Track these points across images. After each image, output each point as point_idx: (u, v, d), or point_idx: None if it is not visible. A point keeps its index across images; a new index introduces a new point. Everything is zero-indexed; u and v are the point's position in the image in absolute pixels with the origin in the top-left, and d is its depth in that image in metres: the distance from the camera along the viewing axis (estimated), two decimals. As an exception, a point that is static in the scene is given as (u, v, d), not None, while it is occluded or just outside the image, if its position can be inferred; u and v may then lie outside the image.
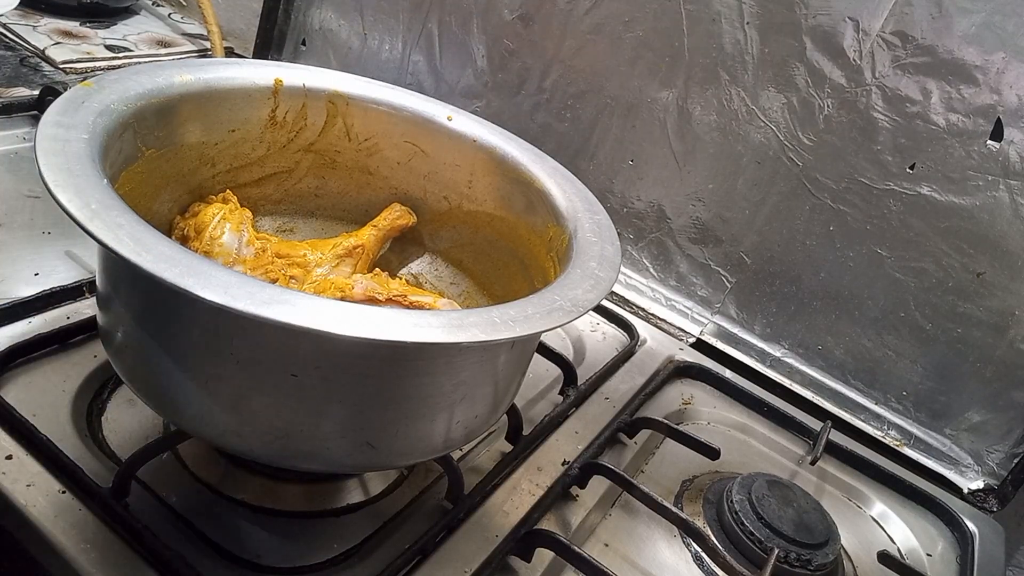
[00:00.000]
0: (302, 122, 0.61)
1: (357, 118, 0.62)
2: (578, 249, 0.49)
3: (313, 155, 0.63)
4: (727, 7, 0.78)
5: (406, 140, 0.63)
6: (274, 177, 0.63)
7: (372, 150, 0.64)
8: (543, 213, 0.57)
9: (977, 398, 0.76)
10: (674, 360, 0.80)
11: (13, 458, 0.47)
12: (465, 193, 0.63)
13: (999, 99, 0.68)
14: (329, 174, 0.65)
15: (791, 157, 0.79)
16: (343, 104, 0.61)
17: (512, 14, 0.92)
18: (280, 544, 0.48)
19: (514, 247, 0.60)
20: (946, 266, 0.74)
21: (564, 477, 0.59)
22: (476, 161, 0.61)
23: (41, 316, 0.59)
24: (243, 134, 0.59)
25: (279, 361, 0.38)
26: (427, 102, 0.63)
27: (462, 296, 0.65)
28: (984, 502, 0.75)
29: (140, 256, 0.33)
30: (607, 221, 0.54)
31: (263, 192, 0.63)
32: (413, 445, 0.44)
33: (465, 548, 0.51)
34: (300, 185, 0.65)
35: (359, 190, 0.66)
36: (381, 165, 0.64)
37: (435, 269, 0.67)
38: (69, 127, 0.41)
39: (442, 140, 0.62)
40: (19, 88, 0.92)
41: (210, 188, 0.59)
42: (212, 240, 0.53)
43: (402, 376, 0.41)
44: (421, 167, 0.64)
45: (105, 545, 0.44)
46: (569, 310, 0.41)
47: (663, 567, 0.57)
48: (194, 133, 0.55)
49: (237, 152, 0.59)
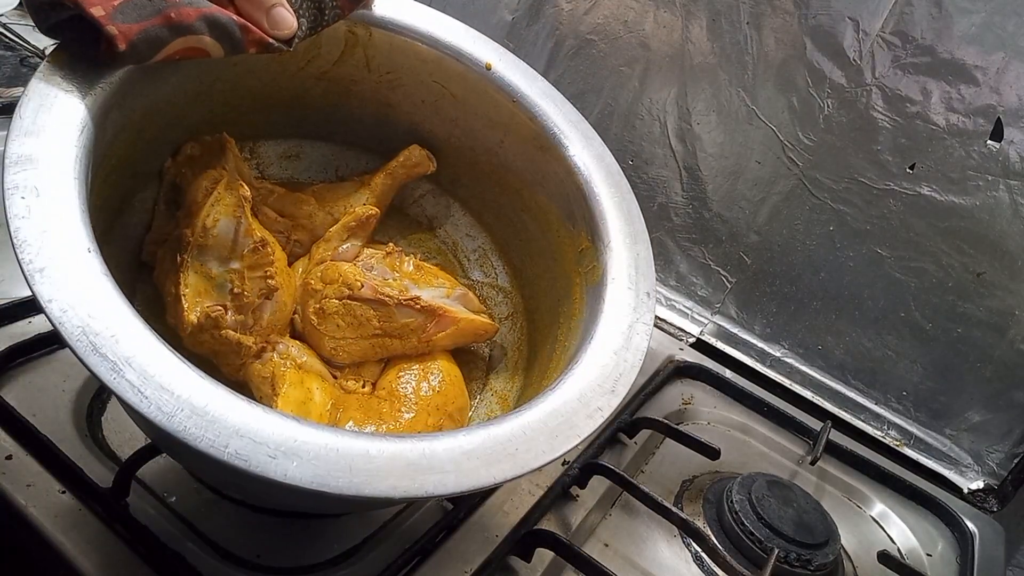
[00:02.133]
0: (316, 50, 0.53)
1: (380, 49, 0.54)
2: (607, 308, 0.45)
3: (326, 83, 0.56)
4: (727, 7, 0.78)
5: (435, 80, 0.55)
6: (280, 105, 0.56)
7: (394, 84, 0.56)
8: (578, 216, 0.51)
9: (977, 398, 0.76)
10: (674, 360, 0.80)
11: (13, 458, 0.47)
12: (494, 151, 0.56)
13: (999, 99, 0.68)
14: (343, 103, 0.57)
15: (791, 157, 0.79)
16: (365, 34, 0.53)
17: (512, 14, 0.92)
18: (280, 544, 0.48)
19: (542, 228, 0.55)
20: (946, 266, 0.74)
21: (564, 477, 0.59)
22: (512, 123, 0.54)
23: (41, 316, 0.59)
24: (248, 66, 0.51)
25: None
26: (469, 38, 0.55)
27: (476, 252, 0.61)
28: (984, 502, 0.75)
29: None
30: (647, 253, 0.48)
31: (268, 119, 0.57)
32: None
33: (465, 548, 0.51)
34: (310, 112, 0.58)
35: (376, 121, 0.59)
36: (403, 100, 0.57)
37: (451, 216, 0.61)
38: (39, 161, 0.35)
39: (477, 88, 0.54)
40: (19, 88, 0.92)
41: (207, 126, 0.52)
42: (206, 231, 0.47)
43: None
44: (449, 111, 0.57)
45: (105, 545, 0.44)
46: (571, 437, 0.41)
47: (663, 567, 0.57)
48: (190, 78, 0.48)
49: (238, 82, 0.52)
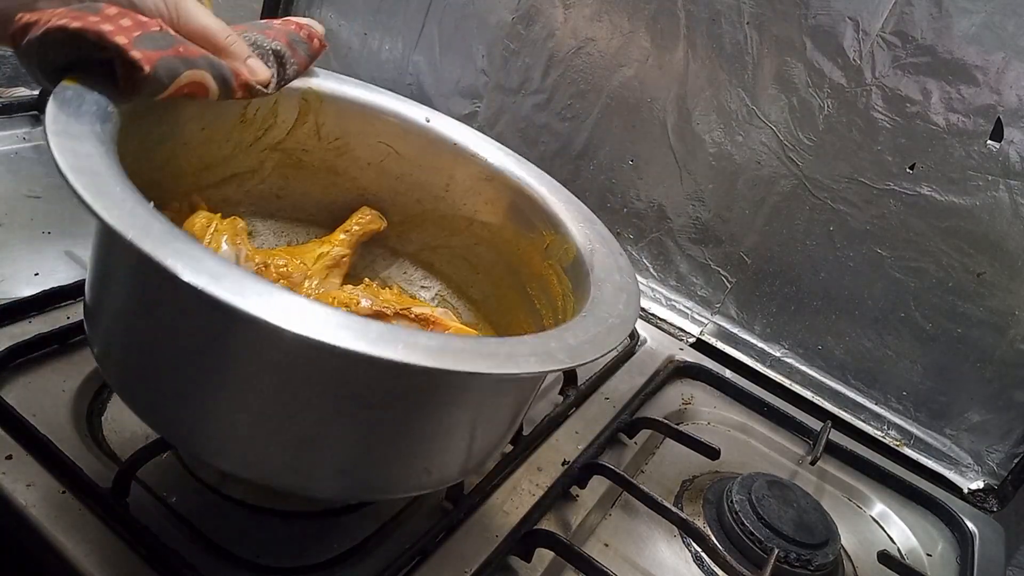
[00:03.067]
0: (272, 119, 0.58)
1: (330, 116, 0.59)
2: (596, 277, 0.49)
3: (279, 154, 0.61)
4: (727, 7, 0.78)
5: (380, 141, 0.61)
6: (236, 178, 0.60)
7: (342, 150, 0.61)
8: (536, 220, 0.56)
9: (977, 398, 0.76)
10: (674, 360, 0.80)
11: (13, 458, 0.47)
12: (441, 196, 0.62)
13: (999, 99, 0.68)
14: (294, 174, 0.62)
15: (791, 157, 0.79)
16: (316, 102, 0.58)
17: (512, 14, 0.92)
18: (280, 544, 0.48)
19: (500, 251, 0.60)
20: (946, 266, 0.74)
21: (564, 477, 0.59)
22: (455, 165, 0.60)
23: (41, 316, 0.59)
24: (211, 133, 0.55)
25: (265, 367, 0.37)
26: (404, 103, 0.61)
27: (435, 299, 0.65)
28: (984, 502, 0.75)
29: (148, 242, 0.31)
30: (604, 230, 0.54)
31: (223, 194, 0.60)
32: (407, 480, 0.43)
33: (465, 548, 0.51)
34: (262, 186, 0.62)
35: (324, 191, 0.63)
36: (350, 166, 0.62)
37: (403, 272, 0.66)
38: (77, 138, 0.38)
39: (419, 142, 0.61)
40: (19, 88, 0.92)
41: (173, 192, 0.55)
42: None
43: (410, 405, 0.39)
44: (393, 168, 0.62)
45: (105, 545, 0.44)
46: (620, 330, 0.42)
47: (663, 567, 0.57)
48: (169, 134, 0.52)
49: (204, 153, 0.56)
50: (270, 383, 0.37)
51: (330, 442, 0.40)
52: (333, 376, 0.37)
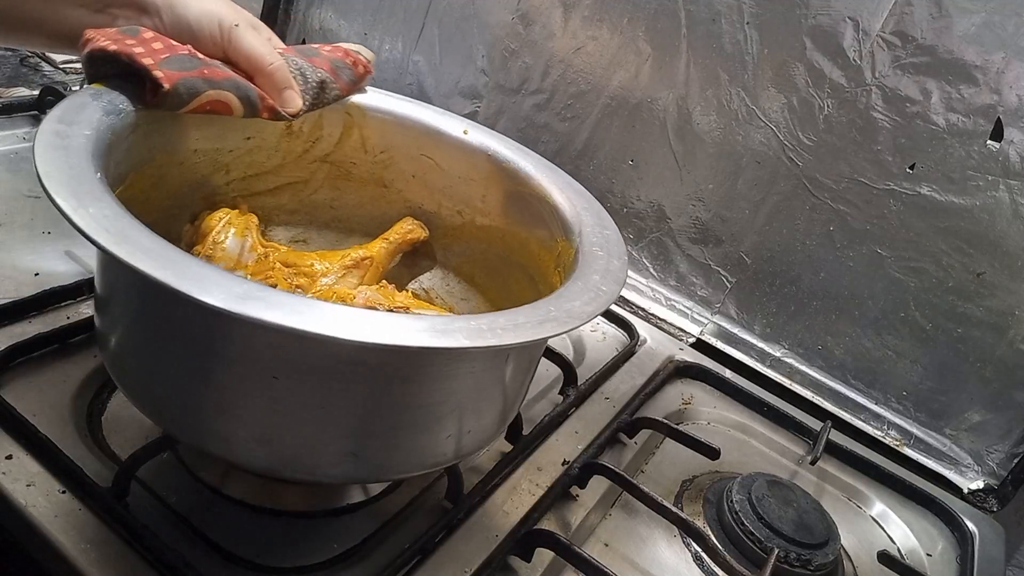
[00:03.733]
0: (319, 132, 0.60)
1: (374, 130, 0.61)
2: (583, 262, 0.48)
3: (329, 166, 0.63)
4: (727, 7, 0.78)
5: (422, 153, 0.62)
6: (289, 187, 0.63)
7: (387, 163, 0.63)
8: (553, 227, 0.56)
9: (977, 398, 0.75)
10: (674, 360, 0.80)
11: (13, 458, 0.47)
12: (479, 207, 0.62)
13: (999, 99, 0.68)
14: (344, 185, 0.64)
15: (791, 157, 0.79)
16: (360, 116, 0.60)
17: (512, 14, 0.92)
18: (280, 544, 0.48)
19: (524, 262, 0.59)
20: (946, 266, 0.74)
21: (564, 477, 0.59)
22: (490, 175, 0.61)
23: (41, 316, 0.59)
24: (258, 142, 0.58)
25: (258, 362, 0.38)
26: (442, 115, 0.62)
27: (473, 313, 0.64)
28: (984, 502, 0.75)
29: (113, 244, 0.33)
30: (616, 236, 0.53)
31: (278, 202, 0.63)
32: (406, 458, 0.44)
33: (465, 548, 0.51)
34: (315, 196, 0.64)
35: (373, 202, 0.65)
36: (396, 178, 0.64)
37: (446, 284, 0.66)
38: (72, 123, 0.41)
39: (456, 154, 0.61)
40: (19, 88, 0.92)
41: (223, 196, 0.58)
42: (215, 244, 0.52)
43: (390, 383, 0.39)
44: (436, 181, 0.63)
45: (105, 545, 0.44)
46: (563, 321, 0.39)
47: (663, 567, 0.57)
48: (208, 139, 0.55)
49: (252, 160, 0.59)
50: (242, 371, 0.39)
51: (330, 422, 0.40)
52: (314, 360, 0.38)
